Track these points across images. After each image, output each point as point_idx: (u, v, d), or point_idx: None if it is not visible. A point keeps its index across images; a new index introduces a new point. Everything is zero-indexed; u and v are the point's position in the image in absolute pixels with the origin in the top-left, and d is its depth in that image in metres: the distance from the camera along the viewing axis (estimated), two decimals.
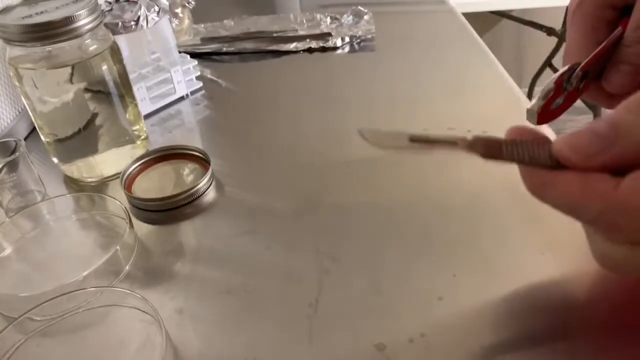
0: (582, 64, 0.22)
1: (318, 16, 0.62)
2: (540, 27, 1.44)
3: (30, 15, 0.33)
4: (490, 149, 0.17)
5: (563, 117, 0.25)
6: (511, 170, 0.40)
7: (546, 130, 0.39)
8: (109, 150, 0.39)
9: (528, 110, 0.22)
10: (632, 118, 0.14)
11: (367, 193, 0.37)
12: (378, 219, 0.34)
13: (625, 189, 0.14)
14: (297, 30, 0.60)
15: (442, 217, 0.33)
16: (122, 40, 0.46)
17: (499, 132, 0.20)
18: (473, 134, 0.17)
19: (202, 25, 0.63)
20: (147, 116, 0.47)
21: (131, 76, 0.41)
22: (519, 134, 0.17)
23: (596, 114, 1.27)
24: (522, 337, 0.26)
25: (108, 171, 0.40)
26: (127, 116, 0.40)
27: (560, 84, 0.22)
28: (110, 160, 0.40)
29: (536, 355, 0.25)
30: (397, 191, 0.36)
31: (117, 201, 0.35)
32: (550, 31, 1.43)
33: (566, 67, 0.23)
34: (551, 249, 0.30)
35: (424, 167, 0.38)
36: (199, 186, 0.37)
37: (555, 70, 1.48)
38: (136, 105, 0.41)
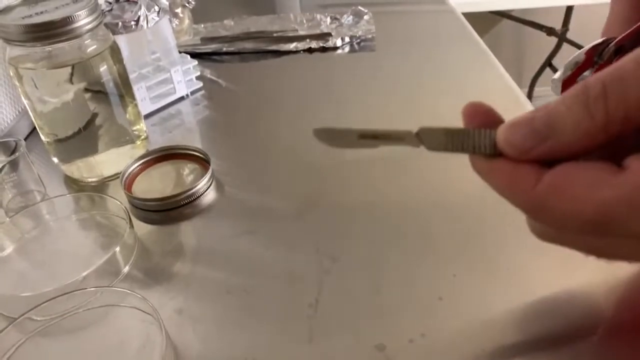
0: (618, 38, 0.21)
1: (318, 16, 0.62)
2: (540, 27, 1.44)
3: (30, 15, 0.33)
4: (434, 140, 0.17)
5: None
6: None
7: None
8: (109, 150, 0.39)
9: (553, 80, 0.21)
10: (565, 111, 0.14)
11: (367, 193, 0.36)
12: (378, 219, 0.34)
13: (541, 189, 0.15)
14: (297, 30, 0.60)
15: (443, 217, 0.33)
16: (122, 40, 0.46)
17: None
18: (420, 126, 0.17)
19: (202, 25, 0.63)
20: (147, 116, 0.47)
21: (131, 76, 0.41)
22: (472, 112, 0.17)
23: None
24: (523, 337, 0.26)
25: (108, 171, 0.40)
26: (127, 116, 0.40)
27: (591, 56, 0.21)
28: (110, 160, 0.40)
29: (537, 356, 0.25)
30: (397, 191, 0.36)
31: (117, 201, 0.35)
32: (550, 31, 1.43)
33: (600, 40, 0.21)
34: (552, 250, 0.30)
35: (425, 167, 0.38)
36: (199, 186, 0.37)
37: (555, 70, 1.48)
38: (136, 105, 0.41)
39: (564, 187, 0.14)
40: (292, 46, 0.57)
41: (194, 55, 0.53)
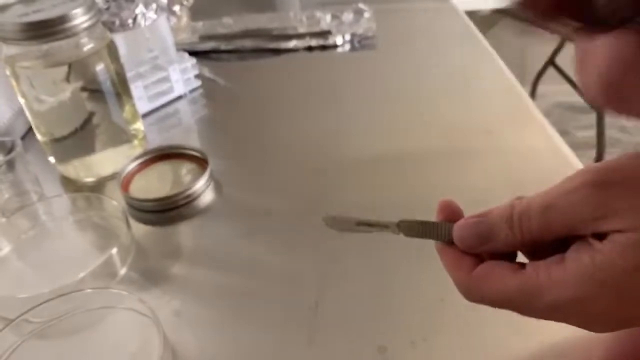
0: None
1: (318, 14, 0.62)
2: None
3: (27, 14, 0.33)
4: (410, 231, 0.23)
5: (567, 115, 0.24)
6: (513, 172, 0.39)
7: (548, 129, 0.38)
8: (106, 150, 0.39)
9: None
10: (500, 223, 0.20)
11: (367, 193, 0.36)
12: (378, 218, 0.34)
13: (475, 274, 0.20)
14: (296, 28, 0.60)
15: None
16: (119, 39, 0.45)
17: (500, 130, 0.20)
18: (401, 219, 0.23)
19: (201, 23, 0.62)
20: (144, 115, 0.47)
21: (128, 75, 0.41)
22: (444, 207, 0.23)
23: (599, 114, 1.27)
24: (525, 339, 0.25)
25: (105, 171, 0.39)
26: (125, 115, 0.39)
27: None
28: (107, 160, 0.39)
29: (538, 358, 0.24)
30: (397, 191, 0.36)
31: (114, 202, 0.34)
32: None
33: None
34: None
35: (425, 168, 0.38)
36: (197, 186, 0.36)
37: (558, 69, 1.47)
38: (133, 104, 0.41)
39: (487, 276, 0.20)
40: (291, 44, 0.57)
41: (192, 54, 0.53)
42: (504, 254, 0.20)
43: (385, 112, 0.45)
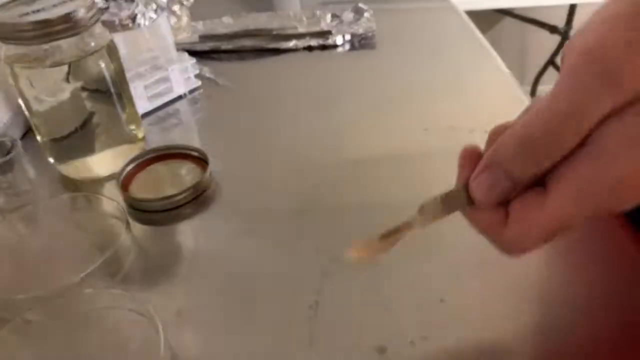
0: None
1: (318, 13, 0.62)
2: (543, 25, 1.43)
3: (27, 13, 0.33)
4: (433, 214, 0.21)
5: None
6: None
7: None
8: (106, 150, 0.39)
9: None
10: (514, 162, 0.19)
11: (367, 193, 0.36)
12: (379, 219, 0.33)
13: (509, 236, 0.19)
14: (296, 27, 0.60)
15: (445, 218, 0.33)
16: (119, 39, 0.45)
17: None
18: (419, 207, 0.22)
19: (201, 23, 0.62)
20: (144, 115, 0.47)
21: (128, 75, 0.41)
22: (467, 156, 0.21)
23: None
24: (525, 339, 0.25)
25: (105, 171, 0.39)
26: (124, 115, 0.39)
27: None
28: (107, 160, 0.39)
29: (539, 358, 0.24)
30: (398, 191, 0.36)
31: (114, 202, 0.34)
32: (553, 29, 1.42)
33: None
34: (555, 252, 0.29)
35: (425, 167, 0.38)
36: (197, 186, 0.36)
37: (558, 69, 1.47)
38: (133, 104, 0.41)
39: (518, 218, 0.19)
40: (291, 44, 0.57)
41: (192, 53, 0.53)
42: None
43: (385, 112, 0.45)
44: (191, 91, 0.51)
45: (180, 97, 0.50)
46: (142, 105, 0.47)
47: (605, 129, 0.17)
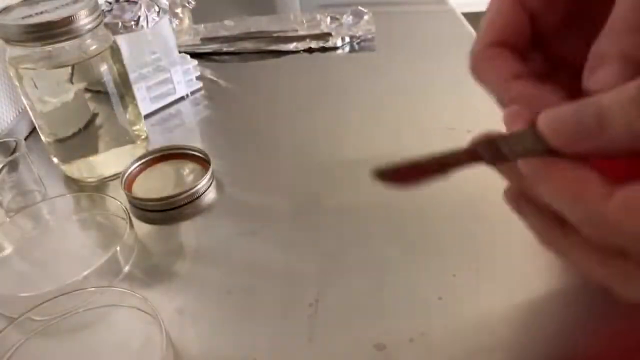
0: None
1: (318, 16, 0.62)
2: None
3: (31, 15, 0.33)
4: (489, 151, 0.16)
5: None
6: None
7: None
8: (109, 150, 0.39)
9: None
10: (619, 110, 0.12)
11: (367, 193, 0.36)
12: (378, 218, 0.34)
13: (616, 207, 0.13)
14: (297, 30, 0.60)
15: (443, 216, 0.33)
16: (122, 41, 0.45)
17: (500, 131, 0.20)
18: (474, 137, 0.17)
19: (202, 25, 0.63)
20: (147, 116, 0.47)
21: (131, 76, 0.41)
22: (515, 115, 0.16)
23: None
24: (522, 336, 0.26)
25: (108, 171, 0.40)
26: (127, 116, 0.40)
27: None
28: (111, 160, 0.40)
29: (535, 355, 0.25)
30: (397, 191, 0.36)
31: (117, 201, 0.35)
32: None
33: None
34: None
35: None
36: (199, 186, 0.37)
37: None
38: (136, 105, 0.41)
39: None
40: (292, 46, 0.57)
41: (194, 56, 0.53)
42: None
43: (385, 113, 0.45)
44: (193, 92, 0.51)
45: (182, 98, 0.50)
46: (145, 106, 0.47)
47: None
